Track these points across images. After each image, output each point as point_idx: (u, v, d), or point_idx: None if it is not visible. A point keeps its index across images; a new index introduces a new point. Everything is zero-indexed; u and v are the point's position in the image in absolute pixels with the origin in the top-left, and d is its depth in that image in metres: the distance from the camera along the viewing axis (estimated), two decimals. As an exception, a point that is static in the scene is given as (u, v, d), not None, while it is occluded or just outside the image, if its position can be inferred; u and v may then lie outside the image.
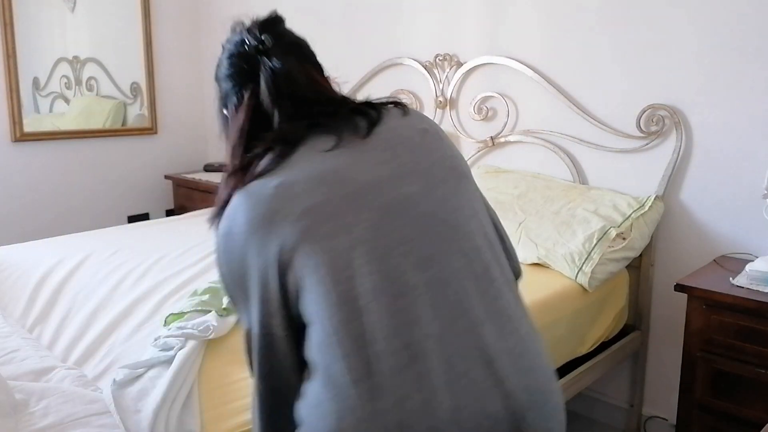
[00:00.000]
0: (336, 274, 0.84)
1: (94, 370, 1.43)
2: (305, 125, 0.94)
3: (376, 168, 0.91)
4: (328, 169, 0.89)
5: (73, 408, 1.05)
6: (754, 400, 1.80)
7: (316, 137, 0.93)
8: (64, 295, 1.88)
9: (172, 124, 3.97)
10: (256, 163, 0.91)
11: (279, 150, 0.91)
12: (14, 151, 3.35)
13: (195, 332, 1.44)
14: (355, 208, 0.87)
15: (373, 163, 0.92)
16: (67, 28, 3.52)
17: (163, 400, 1.17)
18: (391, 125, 0.98)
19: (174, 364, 1.30)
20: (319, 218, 0.86)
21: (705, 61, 2.09)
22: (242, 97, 1.00)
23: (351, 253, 0.85)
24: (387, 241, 0.86)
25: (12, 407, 1.02)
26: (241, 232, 0.90)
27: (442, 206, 0.92)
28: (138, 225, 2.77)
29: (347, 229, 0.86)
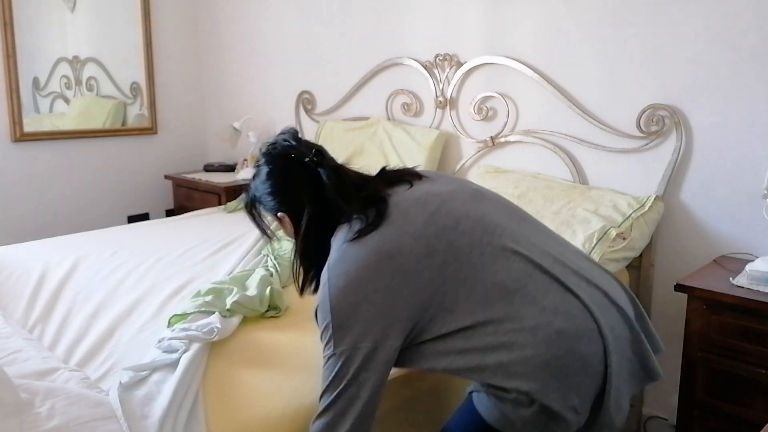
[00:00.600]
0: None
1: (96, 371, 1.43)
2: (382, 186, 1.27)
3: (444, 187, 1.28)
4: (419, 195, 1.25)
5: (78, 411, 1.05)
6: (754, 400, 1.81)
7: (392, 189, 1.27)
8: (64, 295, 1.88)
9: (172, 124, 3.97)
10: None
11: (378, 204, 1.20)
12: (14, 151, 3.35)
13: (199, 334, 1.44)
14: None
15: (440, 185, 1.29)
16: (67, 28, 3.52)
17: (169, 405, 1.17)
18: (431, 175, 1.37)
19: (179, 368, 1.30)
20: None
21: (705, 61, 2.10)
22: (300, 202, 1.27)
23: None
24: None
25: (17, 406, 1.02)
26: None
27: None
28: (138, 225, 2.77)
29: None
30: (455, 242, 1.14)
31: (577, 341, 1.10)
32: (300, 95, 3.46)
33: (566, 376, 1.09)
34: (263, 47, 3.64)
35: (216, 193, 3.44)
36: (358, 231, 1.14)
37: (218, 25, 3.90)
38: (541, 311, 1.10)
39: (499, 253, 1.15)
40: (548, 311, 1.10)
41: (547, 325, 1.09)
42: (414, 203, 1.19)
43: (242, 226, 2.62)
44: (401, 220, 1.15)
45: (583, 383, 1.10)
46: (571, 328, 1.10)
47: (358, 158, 2.99)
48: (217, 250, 2.31)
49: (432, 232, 1.14)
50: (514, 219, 1.23)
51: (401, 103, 2.99)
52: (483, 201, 1.25)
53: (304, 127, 3.48)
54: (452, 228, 1.15)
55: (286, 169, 1.29)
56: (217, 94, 4.02)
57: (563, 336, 1.09)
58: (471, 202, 1.22)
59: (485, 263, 1.13)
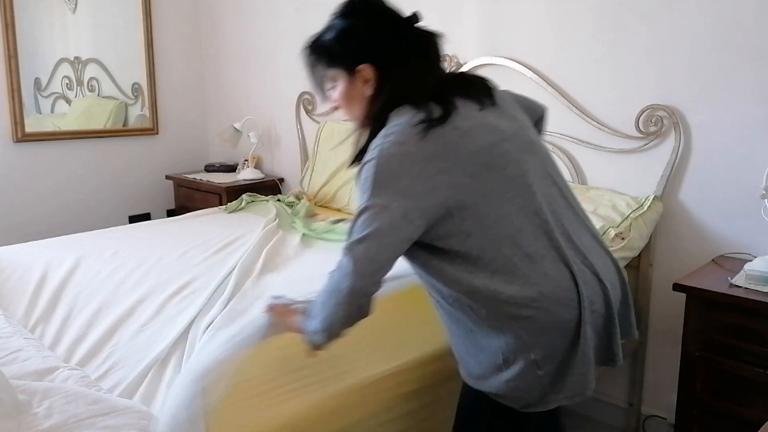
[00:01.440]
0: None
1: (97, 370, 1.44)
2: (456, 92, 1.25)
3: (509, 124, 1.29)
4: (486, 122, 1.25)
5: (76, 408, 1.05)
6: (753, 400, 1.81)
7: (464, 101, 1.25)
8: (65, 295, 1.89)
9: (173, 124, 3.98)
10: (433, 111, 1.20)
11: (446, 106, 1.21)
12: (16, 152, 3.36)
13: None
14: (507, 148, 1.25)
15: (506, 120, 1.29)
16: (68, 28, 3.53)
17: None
18: (502, 101, 1.34)
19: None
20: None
21: (703, 62, 2.10)
22: (393, 57, 1.26)
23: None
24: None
25: (15, 407, 1.03)
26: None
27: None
28: (139, 225, 2.78)
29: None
30: (496, 180, 1.20)
31: (557, 306, 1.19)
32: (301, 96, 3.46)
33: (538, 333, 1.19)
34: (264, 48, 3.65)
35: (217, 194, 3.45)
36: (427, 120, 1.17)
37: (219, 26, 3.91)
38: (534, 272, 1.19)
39: (523, 209, 1.22)
40: (539, 274, 1.19)
41: (535, 285, 1.18)
42: (479, 126, 1.22)
43: (243, 227, 2.63)
44: (464, 134, 1.20)
45: (550, 344, 1.20)
46: (555, 293, 1.19)
47: (358, 158, 2.99)
48: (218, 251, 2.32)
49: (483, 160, 1.20)
50: (547, 182, 1.29)
51: (401, 104, 2.99)
52: (534, 156, 1.29)
53: (305, 127, 3.48)
54: (500, 167, 1.21)
55: (383, 19, 1.28)
56: (217, 95, 4.03)
57: (545, 298, 1.18)
58: (524, 152, 1.27)
59: (509, 212, 1.20)
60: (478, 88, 1.29)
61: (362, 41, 1.27)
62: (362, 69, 1.26)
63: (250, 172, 3.61)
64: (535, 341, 1.19)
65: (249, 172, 3.61)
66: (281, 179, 3.66)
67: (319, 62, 1.32)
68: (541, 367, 1.20)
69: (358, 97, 1.29)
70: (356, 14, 1.29)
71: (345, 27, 1.29)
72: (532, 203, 1.23)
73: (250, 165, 3.66)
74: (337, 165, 3.06)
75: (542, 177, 1.28)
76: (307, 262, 2.18)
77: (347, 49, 1.28)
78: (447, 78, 1.32)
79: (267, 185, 3.56)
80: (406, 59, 1.26)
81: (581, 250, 1.26)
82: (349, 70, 1.27)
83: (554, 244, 1.22)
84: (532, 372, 1.20)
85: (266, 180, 3.60)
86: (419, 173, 1.15)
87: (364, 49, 1.26)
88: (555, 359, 1.21)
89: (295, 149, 3.55)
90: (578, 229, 1.30)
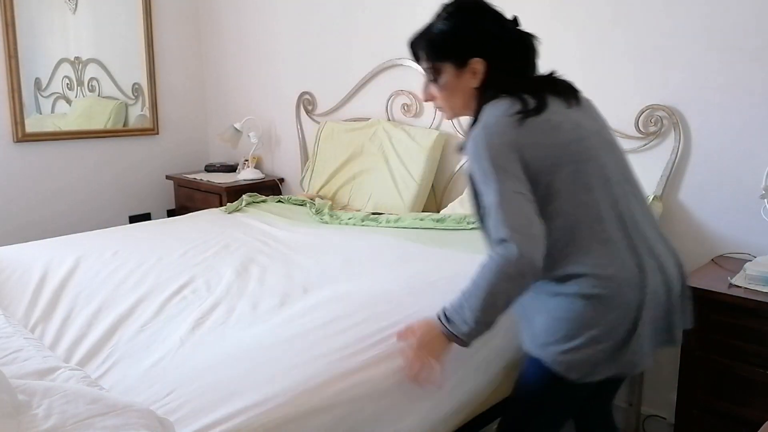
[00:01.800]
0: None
1: (97, 370, 1.44)
2: (547, 89, 1.38)
3: (592, 123, 1.43)
4: (573, 119, 1.38)
5: (75, 408, 1.05)
6: (753, 399, 1.81)
7: (554, 97, 1.38)
8: (65, 295, 1.89)
9: (173, 124, 3.98)
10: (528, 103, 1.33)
11: (540, 99, 1.34)
12: (16, 152, 3.37)
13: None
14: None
15: (589, 119, 1.43)
16: (68, 29, 3.53)
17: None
18: (585, 103, 1.48)
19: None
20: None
21: (703, 62, 2.10)
22: (499, 52, 1.38)
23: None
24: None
25: (14, 407, 1.02)
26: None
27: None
28: (139, 225, 2.78)
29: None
30: (580, 171, 1.33)
31: (624, 288, 1.30)
32: (300, 96, 3.46)
33: (603, 311, 1.30)
34: (264, 48, 3.65)
35: (217, 194, 3.45)
36: (524, 111, 1.30)
37: (219, 26, 3.92)
38: (608, 255, 1.31)
39: (602, 199, 1.34)
40: (612, 257, 1.31)
41: (607, 267, 1.30)
42: (567, 122, 1.36)
43: (243, 227, 2.64)
44: (554, 127, 1.33)
45: (612, 322, 1.30)
46: (623, 276, 1.31)
47: (358, 158, 3.00)
48: (218, 251, 2.32)
49: (569, 152, 1.32)
50: (622, 179, 1.41)
51: (401, 104, 3.00)
52: (612, 153, 1.42)
53: (305, 127, 3.49)
54: (584, 160, 1.34)
55: (492, 18, 1.40)
56: (218, 95, 4.03)
57: (615, 280, 1.30)
58: (604, 149, 1.40)
59: (589, 200, 1.32)
60: (566, 88, 1.42)
61: (475, 37, 1.38)
62: (474, 62, 1.37)
63: (251, 172, 3.61)
64: (599, 318, 1.30)
65: (249, 172, 3.61)
66: (281, 179, 3.66)
67: (425, 56, 1.44)
68: (600, 342, 1.30)
69: (462, 88, 1.41)
70: (466, 12, 1.40)
71: (457, 23, 1.39)
72: (609, 195, 1.35)
73: (251, 165, 3.66)
74: (337, 165, 3.06)
75: (618, 173, 1.40)
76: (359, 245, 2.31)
77: (460, 44, 1.38)
78: (540, 76, 1.44)
79: (267, 185, 3.56)
80: (511, 56, 1.39)
81: (648, 242, 1.38)
82: (458, 63, 1.39)
83: (626, 233, 1.34)
84: (591, 347, 1.30)
85: (266, 180, 3.60)
86: (518, 159, 1.29)
87: (477, 44, 1.37)
88: (614, 337, 1.31)
89: (295, 149, 3.55)
90: (646, 223, 1.41)
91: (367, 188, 2.91)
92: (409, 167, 2.78)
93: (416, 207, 2.76)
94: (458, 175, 2.82)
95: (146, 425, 1.09)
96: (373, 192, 2.88)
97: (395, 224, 2.48)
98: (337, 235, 2.47)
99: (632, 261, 1.32)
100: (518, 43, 1.40)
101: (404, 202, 2.76)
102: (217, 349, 1.51)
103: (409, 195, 2.76)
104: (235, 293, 1.89)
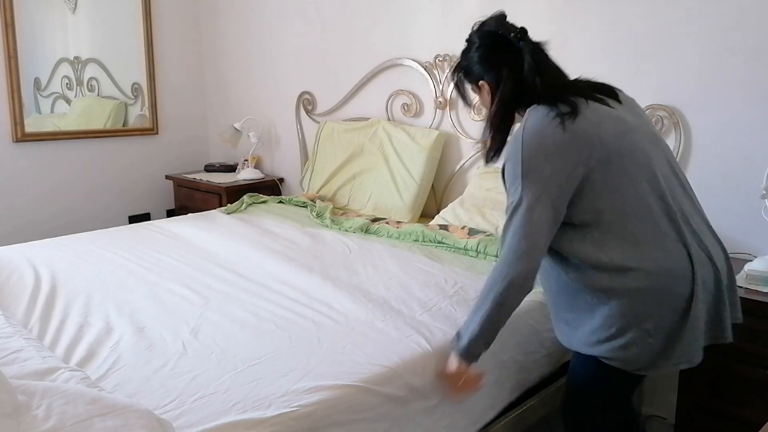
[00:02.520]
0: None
1: (97, 371, 1.44)
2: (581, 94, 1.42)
3: (634, 119, 1.46)
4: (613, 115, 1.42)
5: (75, 409, 1.05)
6: (753, 400, 1.81)
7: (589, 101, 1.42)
8: (65, 295, 1.89)
9: (172, 124, 3.98)
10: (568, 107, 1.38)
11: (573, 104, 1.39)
12: (15, 152, 3.36)
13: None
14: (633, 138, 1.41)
15: (631, 116, 1.47)
16: (68, 28, 3.53)
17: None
18: (627, 101, 1.53)
19: None
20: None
21: (704, 62, 2.10)
22: (501, 73, 1.48)
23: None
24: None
25: (14, 408, 1.02)
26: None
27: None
28: (139, 225, 2.77)
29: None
30: (626, 165, 1.36)
31: (673, 280, 1.34)
32: (300, 96, 3.46)
33: (652, 304, 1.34)
34: (264, 48, 3.65)
35: (217, 194, 3.45)
36: (561, 114, 1.35)
37: (219, 26, 3.91)
38: (656, 248, 1.35)
39: (649, 192, 1.37)
40: (660, 250, 1.35)
41: (655, 260, 1.34)
42: (608, 118, 1.40)
43: (243, 227, 2.64)
44: (595, 125, 1.37)
45: (662, 315, 1.35)
46: (672, 268, 1.34)
47: (358, 158, 3.00)
48: (218, 251, 2.32)
49: (614, 147, 1.36)
50: (669, 172, 1.44)
51: (401, 104, 3.00)
52: (657, 147, 1.45)
53: (305, 127, 3.49)
54: (629, 153, 1.37)
55: (493, 43, 1.52)
56: (217, 95, 4.03)
57: (663, 272, 1.33)
58: (649, 143, 1.43)
59: (636, 193, 1.36)
60: (604, 91, 1.48)
61: (498, 57, 1.50)
62: (482, 85, 1.52)
63: (250, 172, 3.61)
64: (649, 311, 1.34)
65: (249, 172, 3.61)
66: (281, 179, 3.66)
67: (466, 79, 1.58)
68: (652, 335, 1.35)
69: (487, 105, 1.54)
70: (485, 38, 1.55)
71: (482, 48, 1.54)
72: (657, 187, 1.38)
73: (250, 165, 3.66)
74: (337, 165, 3.06)
75: (664, 166, 1.43)
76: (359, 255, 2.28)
77: (489, 65, 1.51)
78: (575, 82, 1.51)
79: (267, 185, 3.56)
80: (533, 65, 1.47)
81: (697, 234, 1.40)
82: (491, 81, 1.51)
83: (675, 225, 1.37)
84: (644, 340, 1.35)
85: (266, 180, 3.60)
86: (559, 160, 1.33)
87: (501, 62, 1.49)
88: (666, 329, 1.35)
89: (295, 149, 3.55)
90: (695, 215, 1.44)
91: (367, 188, 2.91)
92: (409, 167, 2.78)
93: (416, 207, 2.76)
94: (458, 175, 2.82)
95: (146, 426, 1.09)
96: (373, 192, 2.88)
97: (396, 238, 2.47)
98: (339, 241, 2.47)
99: (681, 252, 1.35)
100: (536, 52, 1.51)
101: (404, 202, 2.75)
102: (218, 356, 1.51)
103: (409, 195, 2.75)
104: (237, 295, 1.89)
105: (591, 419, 1.56)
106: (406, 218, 2.72)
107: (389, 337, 1.59)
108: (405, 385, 1.44)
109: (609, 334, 1.37)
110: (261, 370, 1.42)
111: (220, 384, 1.36)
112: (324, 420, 1.29)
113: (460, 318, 1.68)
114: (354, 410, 1.34)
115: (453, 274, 2.01)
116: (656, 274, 1.33)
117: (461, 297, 1.83)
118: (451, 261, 2.15)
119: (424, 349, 1.53)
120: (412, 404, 1.45)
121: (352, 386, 1.37)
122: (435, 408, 1.50)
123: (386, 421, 1.40)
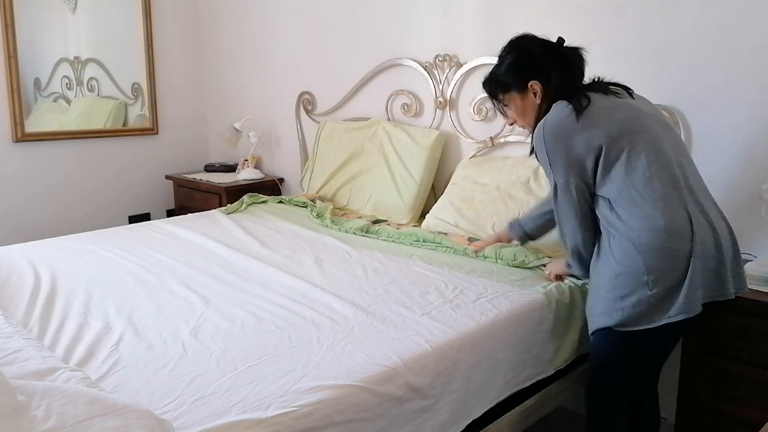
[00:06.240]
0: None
1: (97, 371, 1.43)
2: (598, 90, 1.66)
3: (647, 109, 1.68)
4: (627, 103, 1.66)
5: (75, 409, 1.05)
6: (753, 400, 1.81)
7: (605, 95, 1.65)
8: (65, 295, 1.89)
9: (172, 124, 3.98)
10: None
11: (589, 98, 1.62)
12: (15, 152, 3.36)
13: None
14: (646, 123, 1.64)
15: (644, 106, 1.69)
16: (68, 28, 3.53)
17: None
18: (639, 97, 1.74)
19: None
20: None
21: (704, 62, 2.10)
22: (551, 75, 1.69)
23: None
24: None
25: (14, 408, 1.02)
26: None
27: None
28: (139, 225, 2.77)
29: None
30: (636, 141, 1.57)
31: (673, 237, 1.52)
32: (300, 96, 3.46)
33: (653, 258, 1.53)
34: (264, 48, 3.65)
35: (217, 194, 3.45)
36: (577, 109, 1.58)
37: (219, 26, 3.91)
38: (658, 209, 1.53)
39: (655, 163, 1.56)
40: (662, 210, 1.53)
41: (658, 219, 1.53)
42: (622, 105, 1.63)
43: (243, 227, 2.63)
44: (610, 110, 1.60)
45: (662, 269, 1.53)
46: (672, 227, 1.52)
47: (358, 158, 3.00)
48: (218, 251, 2.32)
49: (626, 127, 1.58)
50: (678, 153, 1.63)
51: (401, 104, 3.00)
52: (667, 132, 1.64)
53: (305, 127, 3.48)
54: (639, 131, 1.58)
55: (540, 48, 1.72)
56: (217, 95, 4.03)
57: (664, 229, 1.52)
58: (660, 128, 1.63)
59: (644, 163, 1.55)
60: (618, 89, 1.69)
61: (529, 65, 1.70)
62: (532, 84, 1.70)
63: (250, 172, 3.61)
64: (650, 265, 1.53)
65: (249, 172, 3.61)
66: (281, 179, 3.66)
67: (497, 91, 1.77)
68: (651, 288, 1.53)
69: (530, 106, 1.73)
70: (518, 48, 1.73)
71: (513, 60, 1.72)
72: (664, 160, 1.57)
73: (250, 165, 3.66)
74: (337, 165, 3.06)
75: (674, 150, 1.61)
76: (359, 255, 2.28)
77: (518, 74, 1.71)
78: (592, 82, 1.71)
79: (267, 185, 3.56)
80: (561, 71, 1.68)
81: (700, 203, 1.59)
82: (520, 90, 1.72)
83: (678, 193, 1.56)
84: (644, 292, 1.54)
85: (266, 180, 3.60)
86: (578, 145, 1.58)
87: (532, 70, 1.70)
88: (664, 283, 1.53)
89: (295, 149, 3.55)
90: (701, 191, 1.62)
91: (367, 188, 2.91)
92: (409, 167, 2.78)
93: (416, 207, 2.76)
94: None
95: (146, 426, 1.09)
96: (373, 192, 2.88)
97: (396, 240, 2.47)
98: (339, 242, 2.47)
99: (681, 214, 1.54)
100: (566, 58, 1.70)
101: (404, 202, 2.75)
102: (218, 356, 1.51)
103: (409, 195, 2.75)
104: (236, 296, 1.89)
105: (615, 396, 1.72)
106: (406, 218, 2.72)
107: (389, 337, 1.59)
108: (404, 384, 1.44)
109: (617, 296, 1.57)
110: (261, 370, 1.42)
111: (219, 384, 1.36)
112: (324, 420, 1.29)
113: (461, 320, 1.68)
114: (354, 410, 1.34)
115: (453, 278, 2.01)
116: (658, 230, 1.52)
117: (461, 301, 1.82)
118: (452, 265, 2.15)
119: (423, 349, 1.53)
120: (409, 404, 1.45)
121: (351, 386, 1.36)
122: (430, 407, 1.50)
123: (382, 420, 1.40)
